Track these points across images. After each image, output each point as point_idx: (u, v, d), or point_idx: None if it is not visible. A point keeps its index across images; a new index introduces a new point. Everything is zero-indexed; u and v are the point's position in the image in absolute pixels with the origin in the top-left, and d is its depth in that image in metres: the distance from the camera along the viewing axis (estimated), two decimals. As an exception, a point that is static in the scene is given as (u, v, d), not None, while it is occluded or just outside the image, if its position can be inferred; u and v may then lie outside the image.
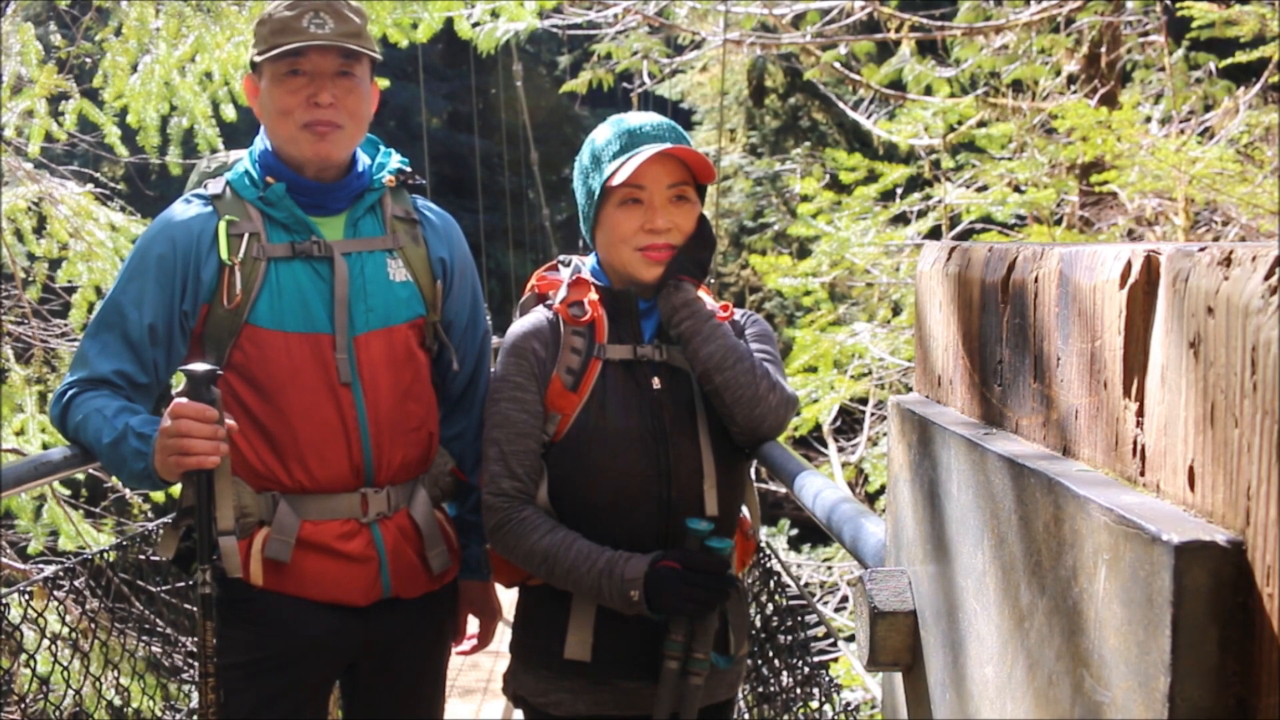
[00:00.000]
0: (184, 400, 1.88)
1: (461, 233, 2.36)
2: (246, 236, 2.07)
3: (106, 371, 2.02)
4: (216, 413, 1.89)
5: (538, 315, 2.08)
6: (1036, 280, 0.90)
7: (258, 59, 2.09)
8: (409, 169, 2.26)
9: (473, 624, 2.43)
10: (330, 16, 2.05)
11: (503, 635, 2.32)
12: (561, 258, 2.21)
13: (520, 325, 2.07)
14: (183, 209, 2.11)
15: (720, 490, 2.01)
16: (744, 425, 2.00)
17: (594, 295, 2.06)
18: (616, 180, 1.96)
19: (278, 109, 2.08)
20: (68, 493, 5.06)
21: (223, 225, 2.06)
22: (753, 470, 2.23)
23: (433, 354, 2.26)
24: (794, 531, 8.59)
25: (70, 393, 2.03)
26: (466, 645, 2.42)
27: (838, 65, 7.33)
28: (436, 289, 2.23)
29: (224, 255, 2.04)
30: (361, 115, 2.13)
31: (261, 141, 2.17)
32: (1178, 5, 5.74)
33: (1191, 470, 0.68)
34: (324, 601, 2.10)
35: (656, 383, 2.03)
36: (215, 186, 2.13)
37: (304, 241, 2.09)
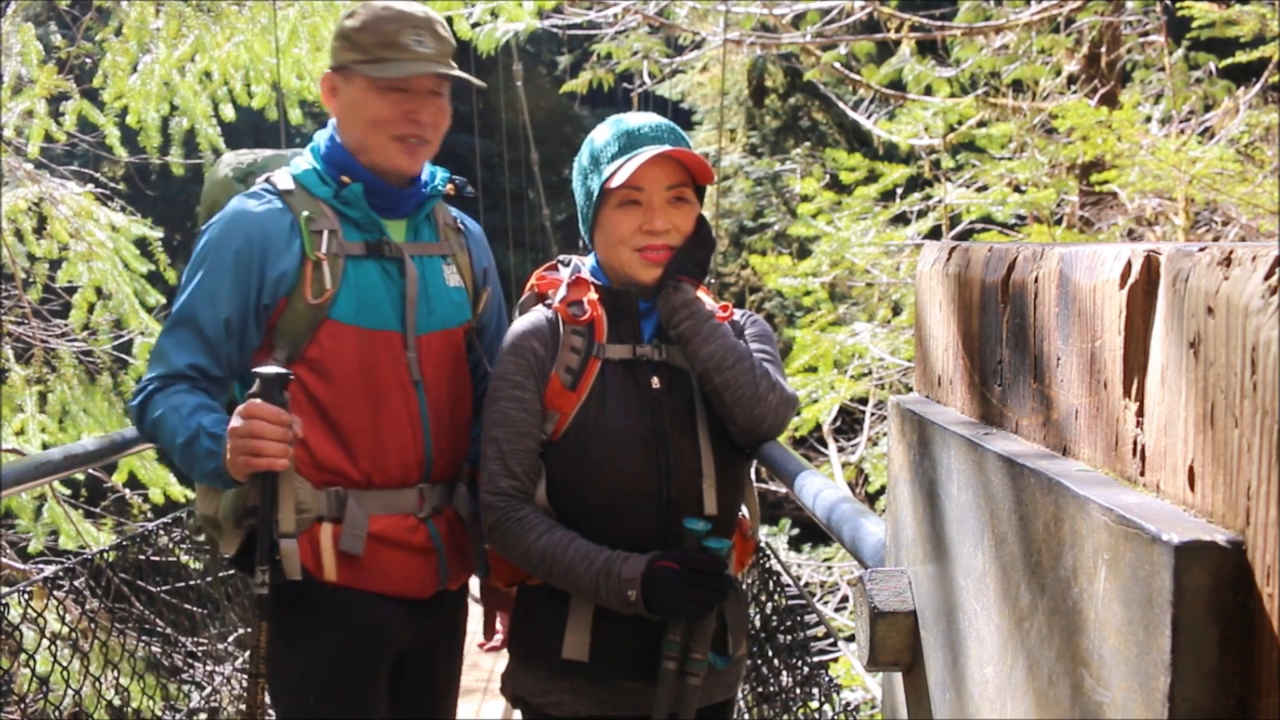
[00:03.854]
0: (257, 401, 1.91)
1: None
2: (326, 233, 2.11)
3: (182, 366, 2.06)
4: (289, 416, 1.92)
5: (537, 314, 2.08)
6: (1036, 280, 0.90)
7: (357, 66, 2.09)
8: (458, 180, 2.32)
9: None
10: (429, 35, 2.11)
11: (503, 635, 2.33)
12: (561, 258, 2.22)
13: (519, 324, 2.07)
14: (254, 204, 2.13)
15: (719, 490, 2.01)
16: (744, 425, 2.00)
17: (593, 295, 2.06)
18: (615, 182, 1.96)
19: (372, 118, 2.11)
20: (68, 493, 5.07)
21: (303, 220, 2.09)
22: (753, 470, 2.23)
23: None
24: (794, 531, 8.58)
25: (149, 389, 2.07)
26: (496, 640, 2.44)
27: (838, 65, 7.32)
28: (480, 296, 2.32)
29: (308, 250, 2.08)
30: (443, 131, 2.21)
31: (329, 140, 2.19)
32: (1178, 5, 5.73)
33: (1191, 470, 0.68)
34: (391, 594, 2.15)
35: (656, 382, 2.03)
36: (283, 182, 2.14)
37: (377, 241, 2.14)
